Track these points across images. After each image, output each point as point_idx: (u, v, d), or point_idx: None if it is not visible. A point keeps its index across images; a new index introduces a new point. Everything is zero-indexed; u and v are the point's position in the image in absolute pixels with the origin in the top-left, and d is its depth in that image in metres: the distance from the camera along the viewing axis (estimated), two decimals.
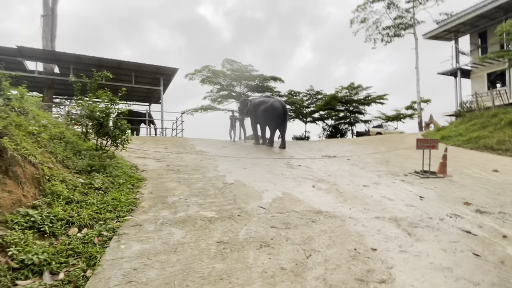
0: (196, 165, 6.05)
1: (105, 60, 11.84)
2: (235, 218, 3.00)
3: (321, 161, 7.64)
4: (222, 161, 6.88)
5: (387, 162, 7.53)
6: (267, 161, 7.16)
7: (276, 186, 4.51)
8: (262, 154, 8.40)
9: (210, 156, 7.51)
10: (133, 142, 9.59)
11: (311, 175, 5.61)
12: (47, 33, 11.72)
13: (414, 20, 26.54)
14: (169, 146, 9.21)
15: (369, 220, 3.06)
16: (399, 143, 12.04)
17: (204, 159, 7.01)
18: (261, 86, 19.75)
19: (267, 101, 10.65)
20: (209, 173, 5.30)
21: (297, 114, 23.61)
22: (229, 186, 4.40)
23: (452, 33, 15.97)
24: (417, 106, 25.54)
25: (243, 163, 6.71)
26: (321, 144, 12.71)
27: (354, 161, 7.73)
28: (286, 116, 10.47)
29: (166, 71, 13.27)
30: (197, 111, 19.90)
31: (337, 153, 9.51)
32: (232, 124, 12.65)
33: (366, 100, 24.13)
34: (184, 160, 6.65)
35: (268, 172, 5.71)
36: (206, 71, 18.62)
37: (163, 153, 7.43)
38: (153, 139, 10.88)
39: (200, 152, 8.22)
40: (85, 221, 2.63)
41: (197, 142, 10.83)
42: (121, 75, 13.58)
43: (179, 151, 8.07)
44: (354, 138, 15.54)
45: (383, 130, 23.13)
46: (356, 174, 5.89)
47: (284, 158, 7.96)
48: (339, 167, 6.64)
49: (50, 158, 3.52)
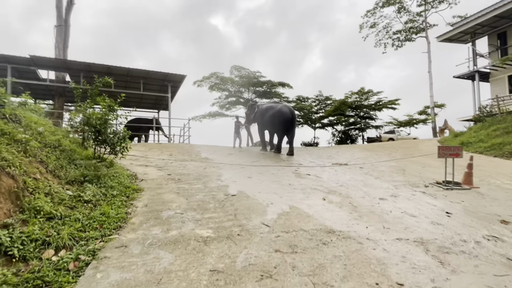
0: (199, 174, 5.73)
1: (114, 68, 11.85)
2: (234, 239, 2.63)
3: (331, 169, 7.20)
4: (227, 169, 6.55)
5: (404, 171, 7.00)
6: (273, 169, 6.77)
7: (282, 199, 4.12)
8: (268, 162, 8.03)
9: (214, 164, 7.20)
10: (139, 149, 9.43)
11: (321, 185, 5.19)
12: (60, 42, 11.89)
13: (426, 24, 25.91)
14: (175, 153, 8.97)
15: (390, 243, 2.63)
16: (414, 150, 11.42)
17: (208, 167, 6.70)
18: (269, 92, 19.47)
19: (275, 107, 10.32)
20: (211, 183, 4.97)
21: (305, 120, 23.13)
22: (231, 198, 4.04)
23: (468, 35, 15.29)
24: (430, 111, 24.68)
25: (249, 171, 6.35)
26: (331, 150, 12.22)
27: (368, 169, 7.24)
28: (294, 122, 10.09)
29: (174, 78, 13.18)
30: (205, 117, 19.77)
31: (349, 160, 9.02)
32: (237, 130, 12.31)
33: (377, 105, 23.45)
34: (187, 168, 6.36)
35: (274, 182, 5.32)
36: (214, 78, 18.54)
37: (166, 161, 7.17)
38: (160, 146, 10.70)
39: (205, 160, 7.93)
40: (64, 241, 2.33)
41: (203, 149, 10.57)
42: (130, 83, 13.60)
43: (183, 159, 7.80)
44: (365, 145, 14.96)
45: (395, 136, 22.36)
46: (371, 185, 5.42)
47: (292, 166, 7.55)
48: (352, 177, 6.18)
49: (38, 168, 3.27)
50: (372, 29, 27.76)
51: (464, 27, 14.58)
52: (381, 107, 23.10)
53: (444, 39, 16.07)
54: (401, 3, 26.55)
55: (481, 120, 13.06)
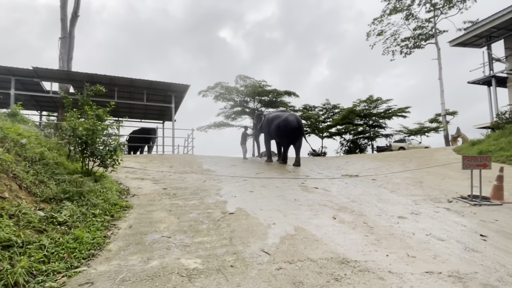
0: (197, 188, 5.31)
1: (117, 78, 11.76)
2: (226, 271, 2.16)
3: (341, 181, 6.66)
4: (228, 182, 6.11)
5: (421, 183, 6.40)
6: (278, 182, 6.29)
7: (286, 218, 3.63)
8: (273, 174, 7.55)
9: (215, 176, 6.77)
10: (139, 161, 9.11)
11: (331, 200, 4.67)
12: (64, 54, 11.94)
13: (435, 30, 25.42)
14: (175, 164, 8.60)
15: (419, 278, 2.10)
16: (429, 160, 10.74)
17: (208, 179, 6.28)
18: (275, 102, 19.14)
19: (281, 116, 9.94)
20: (208, 198, 4.52)
21: (313, 129, 22.60)
22: (228, 217, 3.58)
23: (483, 39, 14.70)
24: (442, 119, 23.86)
25: (251, 184, 5.89)
26: (340, 160, 11.65)
27: (381, 181, 6.67)
28: (301, 132, 9.64)
29: (178, 88, 13.01)
30: (211, 128, 19.51)
31: (359, 171, 8.46)
32: (243, 140, 11.93)
33: (386, 114, 22.76)
34: (185, 181, 5.95)
35: (278, 196, 4.84)
36: (219, 88, 18.37)
37: (165, 173, 6.79)
38: (162, 157, 10.38)
39: (206, 171, 7.52)
40: (16, 277, 1.91)
41: (206, 160, 10.18)
42: (134, 93, 13.49)
43: (183, 171, 7.41)
44: (375, 154, 14.32)
45: (406, 145, 21.56)
46: (387, 200, 4.87)
47: (298, 178, 7.05)
48: (364, 190, 5.64)
49: (9, 186, 2.91)
50: (379, 36, 27.40)
51: (478, 30, 14.02)
52: (390, 115, 22.40)
53: (457, 43, 15.52)
54: (409, 10, 26.23)
55: (500, 127, 12.30)
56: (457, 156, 11.33)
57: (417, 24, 26.28)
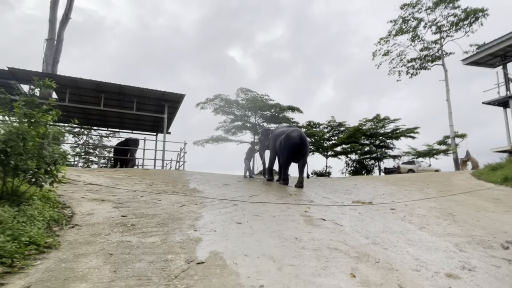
0: (169, 215, 4.10)
1: (104, 84, 10.86)
2: None
3: (353, 210, 5.41)
4: (213, 207, 4.90)
5: (453, 216, 5.14)
6: (276, 209, 5.06)
7: (281, 273, 2.41)
8: (271, 197, 6.32)
9: (200, 199, 5.57)
10: (114, 176, 7.95)
11: (344, 241, 3.44)
12: (49, 57, 11.14)
13: (442, 52, 24.93)
14: (157, 182, 7.42)
15: None
16: (448, 185, 9.46)
17: (188, 203, 5.07)
18: (277, 117, 18.15)
19: (286, 131, 8.90)
20: (177, 234, 3.31)
21: (317, 147, 21.45)
22: (193, 270, 2.37)
23: (497, 58, 13.86)
24: (451, 141, 22.73)
25: (241, 211, 4.67)
26: (348, 183, 10.39)
27: (402, 212, 5.42)
28: (305, 149, 8.50)
29: (172, 97, 12.09)
30: (208, 142, 18.43)
31: (372, 197, 7.20)
32: (248, 156, 10.77)
33: (394, 134, 21.66)
34: (158, 205, 4.74)
35: (273, 232, 3.61)
36: (218, 100, 17.47)
37: (137, 193, 5.59)
38: (143, 172, 9.22)
39: (191, 192, 6.32)
40: None
41: (195, 177, 8.99)
42: (124, 102, 12.58)
43: (163, 190, 6.21)
44: (386, 177, 13.06)
45: (416, 167, 20.29)
46: (418, 242, 3.62)
47: (300, 203, 5.82)
48: (385, 225, 4.39)
49: None
50: (385, 56, 27.00)
51: (493, 49, 13.20)
52: (398, 135, 21.29)
53: (470, 62, 14.69)
54: (415, 32, 25.90)
55: None
56: (479, 182, 10.05)
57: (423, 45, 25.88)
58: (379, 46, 26.67)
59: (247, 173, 10.34)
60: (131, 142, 12.16)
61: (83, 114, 13.50)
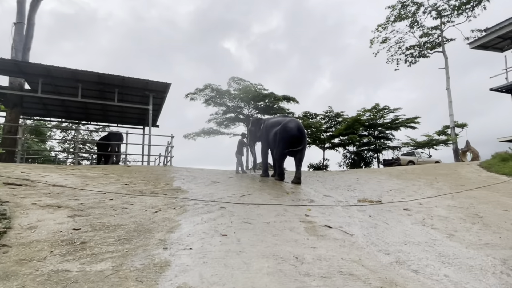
0: (137, 226, 3.24)
1: (81, 73, 9.78)
2: None
3: (361, 212, 4.61)
4: (195, 211, 4.05)
5: (480, 218, 4.37)
6: (270, 212, 4.23)
7: None
8: (265, 196, 5.49)
9: (182, 201, 4.71)
10: (86, 175, 7.03)
11: (360, 260, 2.62)
12: (19, 43, 9.97)
13: (442, 38, 24.14)
14: (136, 181, 6.53)
15: None
16: (458, 178, 8.75)
17: (166, 207, 4.21)
18: (272, 107, 17.21)
19: (281, 122, 8.02)
20: (138, 256, 2.45)
21: (313, 139, 20.63)
22: None
23: (507, 40, 13.04)
24: (451, 131, 22.16)
25: (228, 217, 3.83)
26: (348, 177, 9.62)
27: (418, 213, 4.64)
28: (303, 141, 7.66)
29: (156, 87, 11.06)
30: (200, 135, 17.47)
31: (379, 194, 6.43)
32: (240, 150, 9.83)
33: (393, 124, 20.92)
34: (127, 211, 3.87)
35: (266, 249, 2.77)
36: (209, 90, 16.42)
37: (107, 196, 4.70)
38: (124, 169, 8.29)
39: (172, 192, 5.45)
40: None
41: (182, 173, 8.11)
42: (106, 93, 11.50)
43: (139, 191, 5.33)
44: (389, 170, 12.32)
45: (416, 159, 19.70)
46: (453, 259, 2.82)
47: (299, 204, 5.01)
48: (404, 232, 3.59)
49: None
50: (383, 44, 26.15)
51: (503, 30, 12.34)
52: (398, 125, 20.56)
53: (477, 45, 13.86)
54: (414, 17, 25.02)
55: None
56: (490, 174, 9.36)
57: (423, 31, 25.08)
58: (377, 33, 25.75)
59: (239, 168, 9.48)
60: (112, 136, 11.15)
61: (62, 107, 12.43)
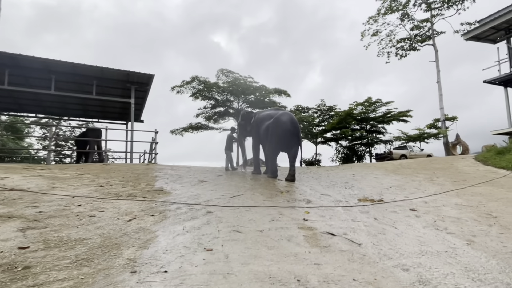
0: (103, 240, 2.63)
1: (53, 63, 8.88)
2: None
3: (365, 214, 4.13)
4: (177, 218, 3.47)
5: (494, 218, 3.97)
6: (264, 217, 3.68)
7: None
8: (257, 198, 4.94)
9: (162, 205, 4.11)
10: (57, 176, 6.30)
11: (375, 281, 2.10)
12: None
13: (432, 31, 24.17)
14: (114, 181, 5.86)
15: None
16: (457, 173, 8.46)
17: (143, 214, 3.61)
18: (263, 101, 16.61)
19: (273, 115, 7.47)
20: (96, 285, 1.86)
21: (306, 133, 20.24)
22: None
23: (500, 32, 12.85)
24: (441, 125, 22.25)
25: (215, 225, 3.26)
26: (344, 173, 9.20)
27: (427, 214, 4.20)
28: (297, 136, 7.15)
29: (138, 79, 10.27)
30: (187, 130, 16.71)
31: (379, 192, 5.99)
32: (229, 145, 9.18)
33: (386, 118, 20.73)
34: (94, 220, 3.24)
35: (261, 267, 2.21)
36: (196, 83, 15.63)
37: (75, 200, 4.04)
38: (102, 168, 7.58)
39: (154, 194, 4.84)
40: None
41: (166, 172, 7.47)
42: (83, 85, 10.61)
43: (114, 193, 4.69)
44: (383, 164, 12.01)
45: (408, 152, 19.65)
46: (483, 273, 2.35)
47: (295, 205, 4.49)
48: (418, 238, 3.11)
49: None
50: (374, 37, 26.02)
51: (496, 21, 12.11)
52: (390, 119, 20.38)
53: (471, 37, 13.65)
54: (405, 10, 24.92)
55: None
56: (488, 168, 9.13)
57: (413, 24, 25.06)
58: (368, 26, 25.58)
59: (229, 165, 8.89)
60: (91, 133, 10.32)
61: (36, 101, 11.46)
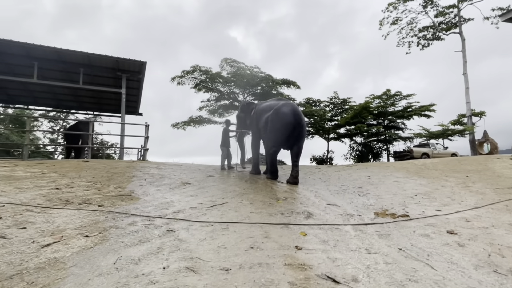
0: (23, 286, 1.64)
1: (35, 48, 8.11)
2: None
3: (384, 239, 2.96)
4: (117, 243, 2.44)
5: None
6: (241, 242, 2.59)
7: None
8: (244, 207, 3.85)
9: (114, 217, 3.12)
10: (12, 176, 5.46)
11: None
12: None
13: (459, 18, 21.95)
14: (79, 181, 4.95)
15: None
16: (494, 176, 7.01)
17: (76, 231, 2.62)
18: (270, 93, 15.41)
19: (273, 106, 6.35)
20: None
21: (317, 129, 18.84)
22: None
23: None
24: (467, 121, 20.20)
25: (164, 258, 2.21)
26: (358, 174, 7.95)
27: (475, 241, 2.97)
28: (302, 130, 6.00)
29: (129, 67, 9.39)
30: (189, 124, 15.83)
31: (402, 201, 4.76)
32: (225, 141, 8.13)
33: (406, 112, 18.97)
34: (3, 247, 2.28)
35: None
36: (198, 73, 14.64)
37: (2, 209, 3.12)
38: (77, 165, 6.73)
39: (117, 200, 3.87)
40: None
41: (148, 171, 6.53)
42: (71, 73, 9.85)
43: (66, 199, 3.75)
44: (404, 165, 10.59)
45: (431, 151, 17.89)
46: None
47: (289, 223, 3.36)
48: None
49: None
50: (394, 25, 24.03)
51: None
52: (411, 113, 18.61)
53: (510, 18, 11.79)
54: None
55: None
56: None
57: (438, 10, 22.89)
58: (387, 13, 23.64)
59: (225, 163, 7.85)
60: (82, 126, 9.60)
61: (25, 91, 10.85)
